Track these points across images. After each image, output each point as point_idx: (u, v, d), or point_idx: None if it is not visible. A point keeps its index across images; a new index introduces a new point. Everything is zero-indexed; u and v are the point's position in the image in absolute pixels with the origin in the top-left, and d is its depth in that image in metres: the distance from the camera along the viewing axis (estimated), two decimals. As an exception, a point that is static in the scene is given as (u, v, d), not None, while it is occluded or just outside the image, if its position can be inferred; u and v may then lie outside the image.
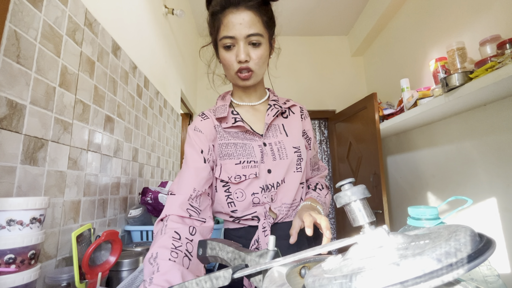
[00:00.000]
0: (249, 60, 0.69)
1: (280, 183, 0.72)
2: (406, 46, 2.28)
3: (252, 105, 0.81)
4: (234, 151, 0.72)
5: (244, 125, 0.74)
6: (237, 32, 0.67)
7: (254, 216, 0.72)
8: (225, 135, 0.75)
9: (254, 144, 0.73)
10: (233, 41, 0.68)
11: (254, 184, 0.71)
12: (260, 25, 0.68)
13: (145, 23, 1.49)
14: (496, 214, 1.43)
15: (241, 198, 0.71)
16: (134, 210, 1.14)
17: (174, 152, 2.08)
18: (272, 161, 0.73)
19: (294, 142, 0.77)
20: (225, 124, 0.76)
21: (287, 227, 0.71)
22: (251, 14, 0.67)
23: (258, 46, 0.69)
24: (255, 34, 0.67)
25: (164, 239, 0.56)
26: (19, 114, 0.64)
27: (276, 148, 0.74)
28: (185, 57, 2.51)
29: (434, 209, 0.42)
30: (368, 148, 2.32)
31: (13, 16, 0.62)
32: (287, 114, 0.82)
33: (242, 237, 0.73)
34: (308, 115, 0.86)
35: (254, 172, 0.70)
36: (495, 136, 1.43)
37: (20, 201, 0.51)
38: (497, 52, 1.24)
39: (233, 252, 0.40)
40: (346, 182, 0.27)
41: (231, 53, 0.70)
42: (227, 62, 0.71)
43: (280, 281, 0.26)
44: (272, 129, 0.77)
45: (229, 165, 0.71)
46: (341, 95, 3.14)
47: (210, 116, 0.78)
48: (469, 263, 0.17)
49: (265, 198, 0.71)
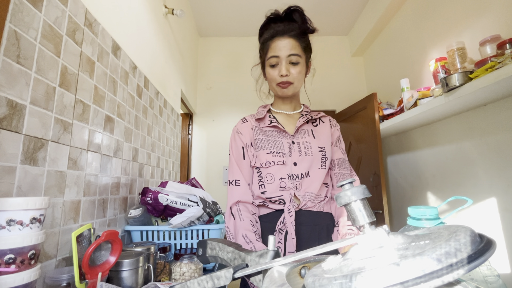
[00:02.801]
0: (289, 75, 0.87)
1: (305, 176, 0.86)
2: (406, 46, 2.28)
3: (287, 113, 0.98)
4: (266, 144, 0.89)
5: (278, 125, 0.91)
6: (281, 52, 0.86)
7: (280, 199, 0.85)
8: (261, 133, 0.92)
9: (284, 141, 0.89)
10: (278, 60, 0.87)
11: (282, 171, 0.86)
12: (299, 49, 0.87)
13: (145, 23, 1.49)
14: (496, 214, 1.43)
15: (270, 181, 0.86)
16: (134, 210, 1.14)
17: (174, 152, 2.08)
18: (299, 156, 0.87)
19: (320, 143, 0.90)
20: (263, 124, 0.94)
21: (310, 215, 0.85)
22: (293, 41, 0.86)
23: (297, 64, 0.87)
24: (295, 54, 0.86)
25: (246, 224, 0.80)
26: (19, 114, 0.63)
27: (303, 146, 0.89)
28: (185, 57, 2.51)
29: (434, 209, 0.42)
30: (368, 148, 2.32)
31: (13, 16, 0.62)
32: (317, 123, 0.97)
33: (269, 221, 0.86)
34: (336, 125, 1.00)
35: (282, 160, 0.86)
36: (495, 136, 1.43)
37: (20, 201, 0.51)
38: (497, 52, 1.24)
39: (233, 252, 0.40)
40: (346, 182, 0.27)
41: (275, 70, 0.88)
42: (272, 76, 0.89)
43: (280, 281, 0.26)
44: (301, 132, 0.93)
45: (262, 154, 0.88)
46: (341, 95, 3.14)
47: (249, 120, 0.97)
48: (469, 263, 0.17)
49: (291, 184, 0.85)
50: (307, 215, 0.85)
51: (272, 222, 0.86)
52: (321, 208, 0.88)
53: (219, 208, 1.24)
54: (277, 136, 0.91)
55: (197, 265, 0.90)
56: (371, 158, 2.28)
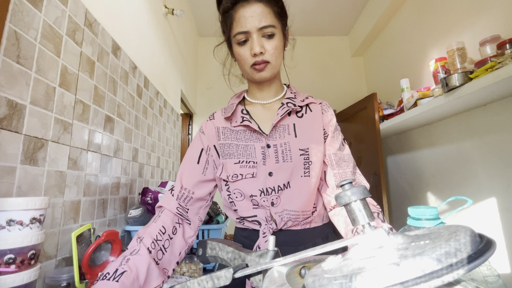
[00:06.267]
0: (264, 52, 0.67)
1: (283, 188, 0.67)
2: (406, 46, 2.28)
3: (264, 104, 0.77)
4: (235, 151, 0.70)
5: (251, 124, 0.70)
6: (250, 25, 0.65)
7: (254, 220, 0.68)
8: (230, 136, 0.73)
9: (257, 145, 0.70)
10: (247, 35, 0.66)
11: (252, 185, 0.68)
12: (272, 16, 0.67)
13: (145, 23, 1.49)
14: (496, 214, 1.43)
15: (240, 198, 0.69)
16: (134, 210, 1.14)
17: (174, 152, 2.08)
18: (275, 163, 0.68)
19: (301, 143, 0.69)
20: (234, 123, 0.73)
21: (293, 234, 0.68)
22: (262, 6, 0.66)
23: (272, 37, 0.67)
24: (268, 26, 0.66)
25: (153, 228, 0.64)
26: (19, 114, 0.63)
27: (280, 150, 0.69)
28: (185, 57, 2.51)
29: (434, 209, 0.42)
30: (368, 148, 2.32)
31: (13, 16, 0.62)
32: (302, 113, 0.74)
33: (247, 237, 0.72)
34: (329, 109, 0.77)
35: (252, 172, 0.67)
36: (495, 136, 1.43)
37: (20, 201, 0.51)
38: (497, 52, 1.24)
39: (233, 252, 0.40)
40: (346, 182, 0.27)
41: (245, 47, 0.68)
42: (242, 57, 0.69)
43: (280, 281, 0.26)
44: (280, 130, 0.71)
45: (229, 165, 0.69)
46: (341, 95, 3.14)
47: (216, 117, 0.78)
48: (469, 263, 0.17)
49: (264, 202, 0.67)
50: (289, 234, 0.68)
51: (249, 239, 0.71)
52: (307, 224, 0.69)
53: (219, 208, 1.24)
54: (249, 138, 0.71)
55: (197, 265, 0.90)
56: (371, 158, 2.28)
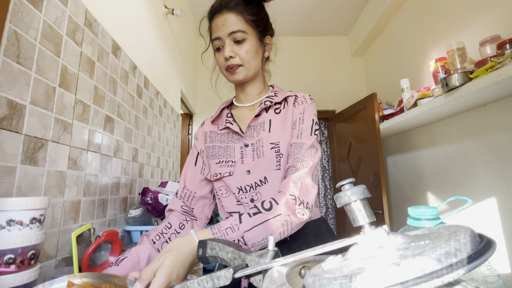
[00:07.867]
0: (234, 56, 0.72)
1: (261, 184, 0.70)
2: (406, 46, 2.28)
3: (247, 106, 0.81)
4: (217, 152, 0.76)
5: (232, 126, 0.75)
6: (221, 32, 0.71)
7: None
8: (214, 139, 0.79)
9: (236, 146, 0.74)
10: (221, 42, 0.73)
11: (231, 184, 0.72)
12: (242, 23, 0.71)
13: (145, 23, 1.49)
14: (496, 214, 1.43)
15: (225, 194, 0.74)
16: (134, 210, 1.14)
17: (174, 152, 2.08)
18: (252, 161, 0.71)
19: (273, 137, 0.71)
20: (220, 126, 0.79)
21: None
22: (232, 15, 0.71)
23: (243, 42, 0.72)
24: (237, 31, 0.70)
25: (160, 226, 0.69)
26: (19, 114, 0.63)
27: (256, 147, 0.72)
28: (185, 57, 2.51)
29: (434, 209, 0.42)
30: (368, 148, 2.32)
31: (13, 16, 0.62)
32: (280, 109, 0.76)
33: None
34: (304, 101, 0.75)
35: (229, 171, 0.72)
36: (495, 136, 1.43)
37: (20, 201, 0.51)
38: (497, 52, 1.25)
39: (233, 252, 0.40)
40: (346, 182, 0.27)
41: (221, 53, 0.74)
42: (218, 62, 0.76)
43: (280, 281, 0.26)
44: (257, 128, 0.74)
45: (212, 164, 0.75)
46: (341, 95, 3.14)
47: (205, 123, 0.85)
48: (469, 263, 0.17)
49: (243, 199, 0.70)
50: None
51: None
52: None
53: (219, 208, 1.24)
54: (231, 140, 0.76)
55: (197, 265, 0.90)
56: (371, 158, 2.28)
